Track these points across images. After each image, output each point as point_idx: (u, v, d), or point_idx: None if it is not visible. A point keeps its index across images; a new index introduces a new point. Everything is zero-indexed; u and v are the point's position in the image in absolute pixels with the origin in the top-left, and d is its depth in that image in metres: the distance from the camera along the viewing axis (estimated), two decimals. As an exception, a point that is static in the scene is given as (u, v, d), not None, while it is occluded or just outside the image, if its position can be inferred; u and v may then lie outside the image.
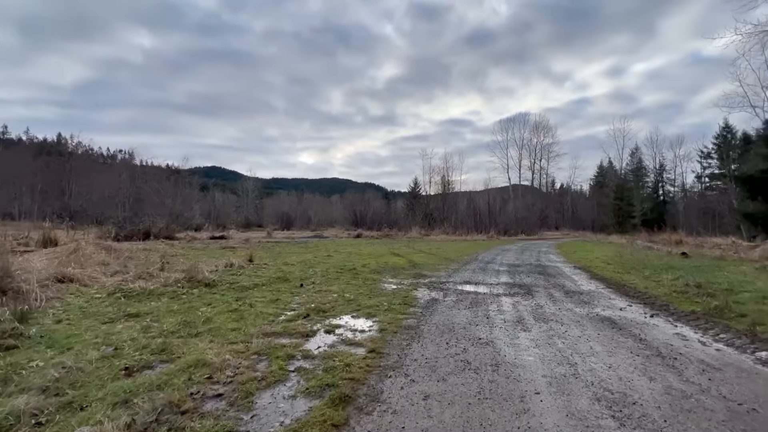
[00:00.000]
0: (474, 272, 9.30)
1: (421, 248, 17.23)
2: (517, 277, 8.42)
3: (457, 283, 7.71)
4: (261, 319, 4.55)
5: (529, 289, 6.89)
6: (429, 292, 6.67)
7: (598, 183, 61.03)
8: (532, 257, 13.46)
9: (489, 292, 6.64)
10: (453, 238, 27.91)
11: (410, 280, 8.06)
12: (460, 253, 15.24)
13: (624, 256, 13.53)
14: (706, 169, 48.84)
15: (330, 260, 11.22)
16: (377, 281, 7.76)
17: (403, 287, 7.10)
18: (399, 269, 9.75)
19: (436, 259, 12.58)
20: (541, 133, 56.77)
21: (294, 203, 69.21)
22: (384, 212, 48.53)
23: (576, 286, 7.38)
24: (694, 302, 5.66)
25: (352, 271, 9.07)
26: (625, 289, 6.91)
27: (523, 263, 11.41)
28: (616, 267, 10.13)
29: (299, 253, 13.58)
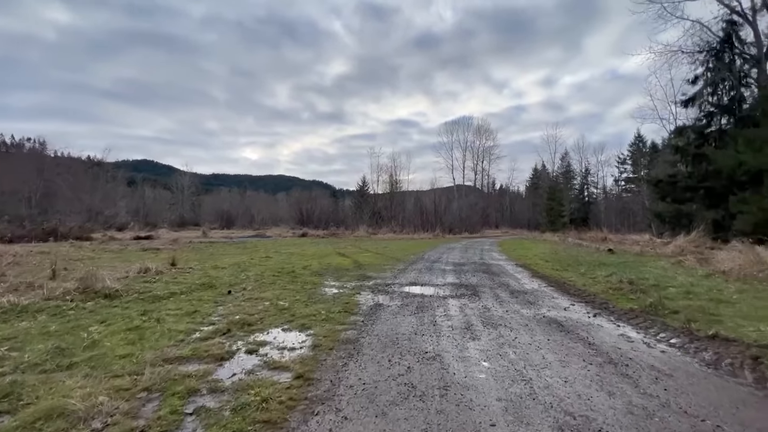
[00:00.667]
0: (420, 272, 8.98)
1: (367, 247, 16.76)
2: (463, 277, 8.22)
3: (403, 284, 7.29)
4: (166, 339, 3.71)
5: (476, 290, 6.66)
6: (373, 296, 6.16)
7: (533, 184, 65.23)
8: (476, 255, 13.56)
9: (436, 294, 6.29)
10: (400, 237, 27.84)
11: (354, 282, 7.50)
12: (407, 252, 15.00)
13: (559, 253, 14.15)
14: (622, 173, 54.13)
15: (268, 262, 10.29)
16: (318, 285, 7.10)
17: (346, 291, 6.52)
18: (343, 271, 9.15)
19: (383, 258, 12.15)
20: (483, 136, 59.23)
21: (236, 201, 65.37)
22: (331, 211, 47.46)
23: (520, 285, 7.31)
24: (630, 299, 5.76)
25: (290, 274, 8.30)
26: (566, 287, 6.95)
27: (468, 262, 11.38)
28: (554, 264, 10.42)
29: (234, 254, 12.41)
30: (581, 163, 56.35)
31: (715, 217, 18.02)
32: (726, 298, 5.54)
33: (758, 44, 19.21)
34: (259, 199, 73.58)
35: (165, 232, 25.48)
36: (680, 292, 5.99)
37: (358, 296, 6.09)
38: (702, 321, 4.39)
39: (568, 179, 57.97)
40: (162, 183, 68.12)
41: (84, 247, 13.31)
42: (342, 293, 6.33)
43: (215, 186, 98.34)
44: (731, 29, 19.77)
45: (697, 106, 21.70)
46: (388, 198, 45.73)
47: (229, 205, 62.15)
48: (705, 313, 4.71)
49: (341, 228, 31.46)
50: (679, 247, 13.28)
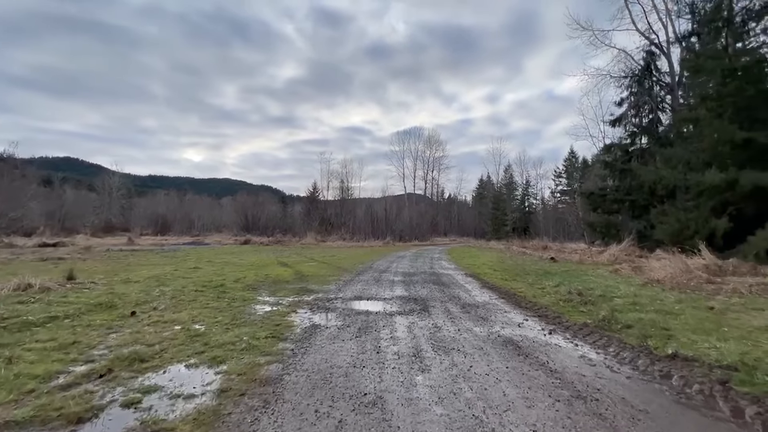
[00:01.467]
0: (367, 284, 8.29)
1: (313, 256, 15.77)
2: (413, 289, 7.67)
3: (347, 299, 6.55)
4: (5, 392, 2.65)
5: (425, 304, 6.10)
6: (311, 314, 5.36)
7: (479, 194, 67.84)
8: (426, 264, 13.19)
9: (382, 311, 5.62)
10: (350, 245, 27.02)
11: (292, 297, 6.62)
12: (355, 261, 14.26)
13: (506, 261, 14.25)
14: (558, 186, 58.03)
15: (195, 274, 9.02)
16: (248, 302, 6.13)
17: (280, 309, 5.64)
18: (282, 283, 8.19)
19: (329, 269, 11.31)
20: (433, 146, 60.59)
21: (174, 205, 60.37)
22: (279, 217, 45.35)
23: (471, 297, 6.90)
24: (581, 312, 5.52)
25: (219, 288, 7.20)
26: (517, 299, 6.65)
27: (418, 271, 10.91)
28: (502, 274, 10.27)
29: (158, 264, 10.86)
30: (522, 176, 59.59)
31: (639, 227, 19.42)
32: (669, 308, 5.49)
33: (672, 74, 21.29)
34: (201, 203, 68.74)
35: (83, 239, 22.35)
36: (627, 303, 5.89)
37: (294, 315, 5.24)
38: (656, 337, 4.16)
39: (510, 190, 60.97)
40: (87, 184, 61.12)
41: (-37, 257, 10.93)
42: (275, 312, 5.44)
43: (152, 188, 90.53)
44: (650, 59, 21.74)
45: (622, 126, 23.53)
46: (339, 205, 44.72)
47: (166, 210, 57.24)
48: (656, 327, 4.53)
49: (288, 235, 29.92)
50: (613, 256, 13.95)
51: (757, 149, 12.17)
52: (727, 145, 12.94)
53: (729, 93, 13.50)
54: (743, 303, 5.85)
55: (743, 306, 5.61)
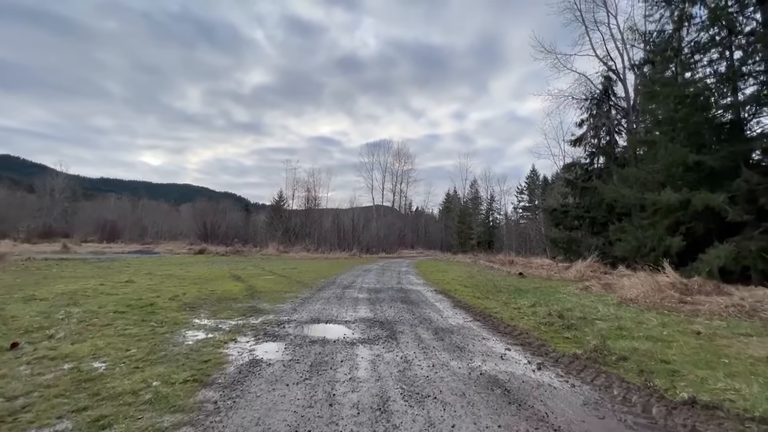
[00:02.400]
0: (328, 303, 7.33)
1: (273, 269, 14.51)
2: (379, 309, 6.80)
3: (302, 322, 5.57)
4: None
5: (393, 329, 5.25)
6: (254, 344, 4.35)
7: (446, 208, 68.56)
8: (393, 279, 12.37)
9: (342, 338, 4.71)
10: (314, 256, 25.74)
11: (236, 320, 5.56)
12: (318, 274, 13.20)
13: (475, 276, 13.74)
14: (520, 202, 59.70)
15: (124, 289, 7.65)
16: (180, 326, 5.01)
17: (216, 336, 4.58)
18: (228, 301, 7.06)
19: (287, 283, 10.20)
20: (402, 159, 60.59)
21: (125, 210, 56.05)
22: (241, 226, 43.04)
23: (443, 318, 6.13)
24: (566, 339, 4.90)
25: (147, 308, 5.98)
26: (493, 322, 5.96)
27: (385, 287, 10.07)
28: (473, 290, 9.65)
29: (83, 277, 9.30)
30: (487, 191, 60.88)
31: (598, 243, 19.77)
32: (657, 335, 5.00)
33: (627, 98, 22.28)
34: (158, 209, 64.39)
35: (8, 245, 19.60)
36: (612, 328, 5.35)
37: (231, 346, 4.22)
38: (659, 373, 3.57)
39: (476, 205, 62.03)
40: (26, 184, 55.52)
41: None
42: (209, 341, 4.39)
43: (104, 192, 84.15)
44: (608, 84, 22.68)
45: (582, 146, 24.26)
46: (305, 215, 43.17)
47: (117, 215, 52.99)
48: (654, 359, 3.95)
49: (249, 245, 28.14)
50: (579, 272, 13.84)
51: (707, 171, 12.70)
52: (680, 167, 13.39)
53: (680, 118, 14.09)
54: (727, 326, 5.49)
55: (729, 331, 5.23)
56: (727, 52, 14.91)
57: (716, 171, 12.69)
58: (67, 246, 20.89)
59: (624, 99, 22.89)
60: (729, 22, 13.43)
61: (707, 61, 16.19)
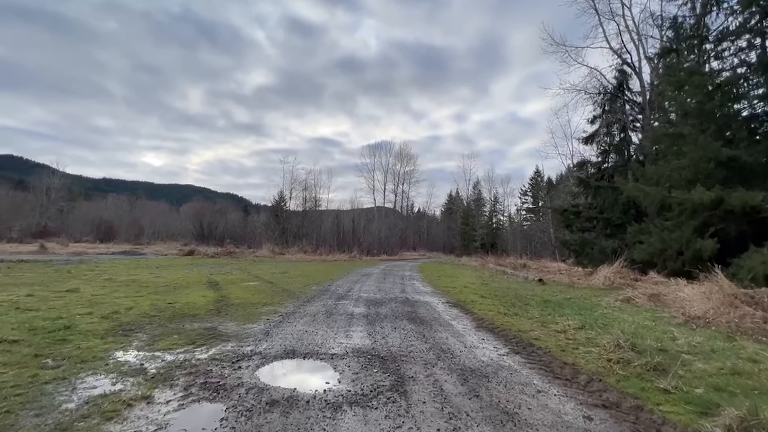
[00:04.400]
0: (314, 321, 5.59)
1: (260, 273, 12.78)
2: (379, 332, 5.05)
3: (268, 357, 3.83)
4: None
5: (400, 374, 3.50)
6: (172, 410, 2.61)
7: (448, 209, 66.79)
8: (396, 287, 10.61)
9: (321, 395, 2.96)
10: (311, 258, 24.00)
11: (176, 354, 3.83)
12: (311, 279, 11.46)
13: (489, 283, 11.97)
14: (524, 203, 57.89)
15: (52, 303, 5.91)
16: (85, 366, 3.29)
17: (124, 390, 2.84)
18: (183, 320, 5.32)
19: (269, 292, 8.46)
20: (404, 159, 58.89)
21: (123, 210, 54.49)
22: (239, 226, 41.37)
23: (467, 349, 4.38)
24: (667, 393, 3.14)
25: (57, 333, 4.26)
26: (539, 356, 4.20)
27: (387, 297, 8.32)
28: (494, 302, 7.89)
29: (16, 285, 7.56)
30: (490, 192, 59.12)
31: (613, 246, 18.06)
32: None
33: (643, 93, 20.50)
34: (156, 209, 62.83)
35: (-19, 245, 17.93)
36: (721, 372, 3.59)
37: (129, 417, 2.47)
38: None
39: (479, 206, 60.24)
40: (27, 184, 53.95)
41: None
42: (106, 399, 2.65)
43: (106, 192, 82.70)
44: (623, 77, 20.94)
45: (595, 144, 22.51)
46: (304, 216, 41.44)
47: (114, 215, 51.46)
48: None
49: (243, 246, 26.42)
50: (608, 279, 12.03)
51: (740, 168, 11.16)
52: (710, 162, 11.78)
53: (711, 110, 12.49)
54: None
55: None
56: (758, 39, 13.20)
57: (749, 167, 11.13)
58: (45, 246, 19.23)
59: (639, 93, 21.12)
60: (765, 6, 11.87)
61: (734, 49, 14.51)
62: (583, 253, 20.63)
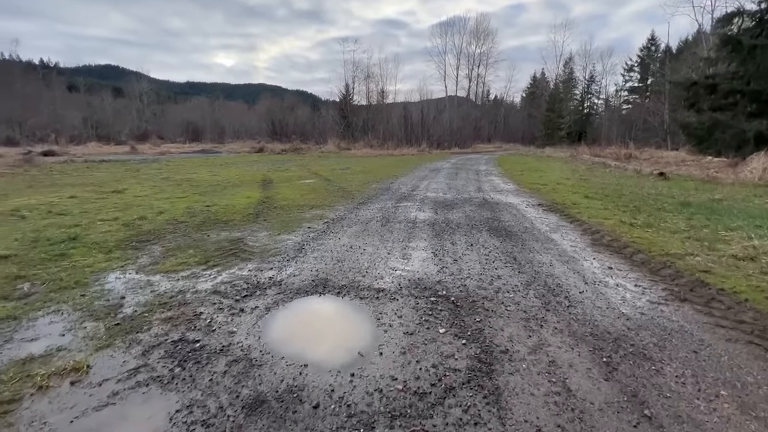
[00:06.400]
0: (363, 232, 4.29)
1: (319, 170, 11.80)
2: (449, 251, 3.57)
3: (288, 292, 2.64)
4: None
5: (483, 344, 2.03)
6: (98, 404, 1.52)
7: (530, 94, 57.74)
8: (471, 184, 8.82)
9: (339, 387, 1.66)
10: (377, 153, 22.64)
11: (174, 279, 2.84)
12: (372, 176, 10.15)
13: (589, 178, 9.47)
14: (627, 82, 47.01)
15: (88, 205, 5.42)
16: (29, 311, 2.41)
17: (21, 376, 1.85)
18: (212, 227, 4.41)
19: (322, 192, 7.35)
20: (480, 36, 49.73)
21: (205, 112, 57.19)
22: (307, 122, 40.83)
23: (593, 290, 2.73)
24: None
25: (60, 246, 3.55)
26: (737, 313, 2.39)
27: (460, 198, 6.68)
28: (606, 205, 5.78)
29: (75, 185, 7.42)
30: (585, 70, 48.82)
31: (759, 129, 13.33)
32: None
33: None
34: (234, 109, 64.95)
35: (87, 148, 19.81)
36: None
37: (25, 412, 1.43)
38: None
39: (568, 88, 50.78)
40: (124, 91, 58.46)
41: None
42: (20, 372, 1.66)
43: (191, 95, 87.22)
44: None
45: (755, -15, 15.15)
46: (371, 109, 38.83)
47: (199, 117, 54.43)
48: None
49: (310, 142, 25.84)
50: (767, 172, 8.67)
51: None
52: None
53: None
54: None
55: None
56: None
57: None
58: (135, 148, 20.66)
59: None
60: None
61: None
62: (709, 139, 15.99)
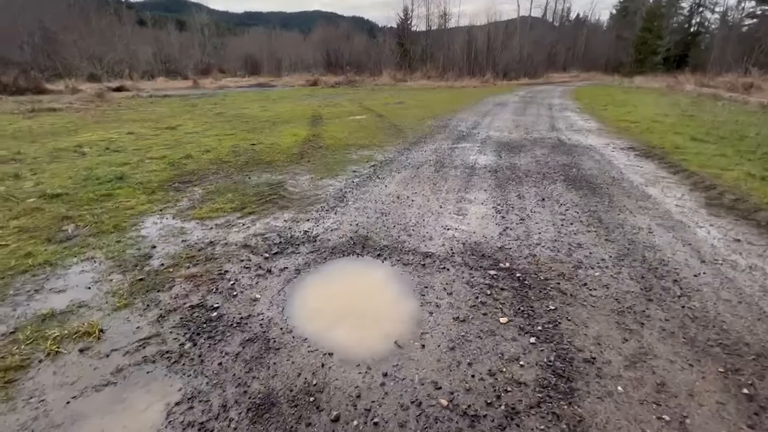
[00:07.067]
0: (414, 179, 3.76)
1: (372, 104, 10.97)
2: (515, 207, 2.95)
3: (322, 251, 2.30)
4: None
5: (563, 353, 1.53)
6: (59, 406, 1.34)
7: (622, 10, 47.96)
8: (542, 120, 7.58)
9: (366, 395, 1.31)
10: (436, 85, 20.76)
11: (203, 231, 2.65)
12: (428, 111, 9.19)
13: (697, 116, 7.62)
14: (761, -13, 36.55)
15: (144, 142, 5.42)
16: (65, 258, 2.35)
17: (38, 336, 1.73)
18: (254, 168, 4.17)
19: (373, 129, 6.73)
20: (568, -67, 40.73)
21: (263, 43, 56.30)
22: (364, 52, 38.42)
23: (718, 275, 2.01)
24: None
25: (105, 185, 3.53)
26: None
27: (529, 136, 5.70)
28: (723, 150, 4.51)
29: (138, 120, 7.55)
30: (702, -26, 38.79)
31: None
32: None
33: None
34: (290, 40, 63.05)
35: (156, 83, 20.63)
36: None
37: (28, 382, 1.29)
38: None
39: (673, 2, 41.24)
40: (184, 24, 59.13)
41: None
42: (38, 331, 1.56)
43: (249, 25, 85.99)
44: None
45: None
46: (431, 35, 35.04)
47: (257, 49, 53.90)
48: None
49: (365, 74, 24.38)
50: None
51: None
52: None
53: None
54: None
55: None
56: None
57: None
58: (197, 82, 21.04)
59: None
60: None
61: None
62: None
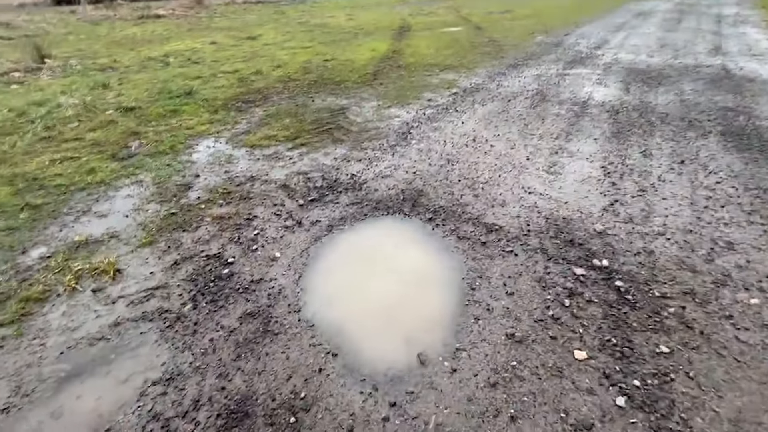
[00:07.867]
0: (500, 115, 2.99)
1: (472, 13, 9.09)
2: (635, 165, 2.11)
3: (366, 210, 1.94)
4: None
5: None
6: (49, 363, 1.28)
7: None
8: (701, 37, 5.46)
9: None
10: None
11: (249, 161, 2.50)
12: (542, 22, 7.30)
13: None
14: None
15: (223, 53, 5.29)
16: (114, 180, 2.39)
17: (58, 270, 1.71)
18: (320, 89, 3.80)
19: (466, 45, 5.58)
20: None
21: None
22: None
23: None
24: None
25: (174, 100, 3.53)
26: None
27: (678, 61, 4.13)
28: None
29: (224, 29, 7.41)
30: None
31: None
32: None
33: None
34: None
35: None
36: None
37: (36, 321, 1.29)
38: None
39: None
40: None
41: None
42: (67, 260, 1.59)
43: None
44: None
45: None
46: None
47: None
48: None
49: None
50: None
51: None
52: None
53: None
54: None
55: None
56: None
57: None
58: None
59: None
60: None
61: None
62: None
